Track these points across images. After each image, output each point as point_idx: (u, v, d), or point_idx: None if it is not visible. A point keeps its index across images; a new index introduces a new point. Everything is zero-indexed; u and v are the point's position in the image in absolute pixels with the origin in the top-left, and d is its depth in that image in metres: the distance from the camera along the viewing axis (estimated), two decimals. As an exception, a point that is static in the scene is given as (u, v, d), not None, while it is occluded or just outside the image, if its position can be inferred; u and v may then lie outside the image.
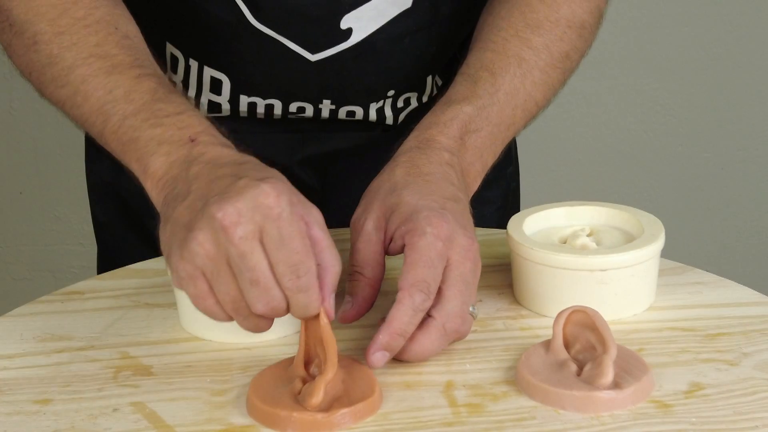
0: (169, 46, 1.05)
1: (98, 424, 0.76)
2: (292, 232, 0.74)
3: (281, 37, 1.00)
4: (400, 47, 1.02)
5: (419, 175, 0.86)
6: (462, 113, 0.91)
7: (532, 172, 2.12)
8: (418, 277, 0.78)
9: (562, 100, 2.11)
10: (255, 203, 0.74)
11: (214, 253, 0.74)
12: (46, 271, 2.16)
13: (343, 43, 1.00)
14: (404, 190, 0.84)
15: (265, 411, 0.75)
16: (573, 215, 0.94)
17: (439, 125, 0.90)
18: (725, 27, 2.11)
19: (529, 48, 0.95)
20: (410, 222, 0.81)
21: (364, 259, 0.83)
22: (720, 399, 0.77)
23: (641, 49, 2.12)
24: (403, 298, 0.78)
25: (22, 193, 2.12)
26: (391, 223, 0.83)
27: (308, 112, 1.05)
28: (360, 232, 0.84)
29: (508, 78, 0.94)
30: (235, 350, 0.85)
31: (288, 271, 0.74)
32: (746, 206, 2.24)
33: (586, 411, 0.75)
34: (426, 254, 0.79)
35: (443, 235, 0.80)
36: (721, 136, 2.18)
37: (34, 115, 2.03)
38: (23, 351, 0.85)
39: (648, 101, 2.15)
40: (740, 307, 0.89)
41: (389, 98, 1.07)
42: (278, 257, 0.74)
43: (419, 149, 0.89)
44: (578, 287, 0.86)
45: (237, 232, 0.73)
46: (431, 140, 0.89)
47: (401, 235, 0.81)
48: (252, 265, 0.74)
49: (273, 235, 0.74)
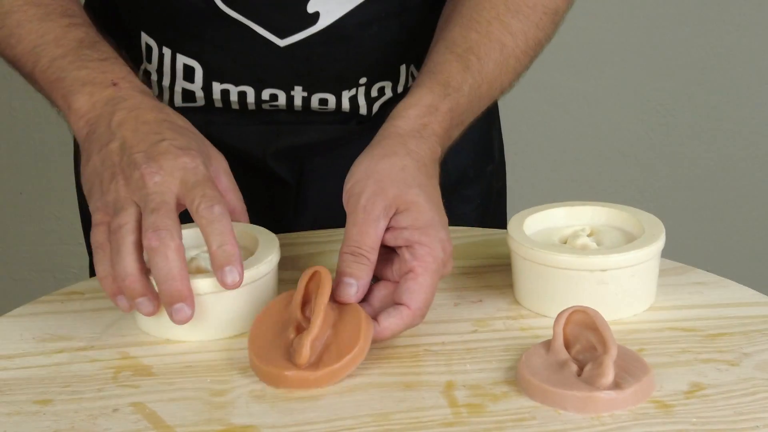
0: (143, 36, 1.06)
1: (98, 425, 0.76)
2: (207, 177, 0.83)
3: (250, 22, 1.01)
4: (369, 33, 1.03)
5: (426, 176, 0.86)
6: (457, 105, 0.91)
7: (531, 172, 2.13)
8: (425, 304, 0.82)
9: (562, 100, 2.11)
10: (175, 164, 0.83)
11: (125, 195, 0.83)
12: (46, 271, 2.16)
13: (310, 27, 1.01)
14: (419, 192, 0.84)
15: (260, 367, 0.80)
16: (573, 215, 0.94)
17: (438, 114, 0.90)
18: (725, 27, 2.11)
19: (509, 33, 0.95)
20: (426, 236, 0.83)
21: (372, 245, 0.83)
22: (720, 399, 0.77)
23: (641, 49, 2.11)
24: (406, 317, 0.82)
25: (22, 193, 2.11)
26: (400, 220, 0.83)
27: (281, 100, 1.06)
28: (370, 215, 0.83)
29: (491, 66, 0.94)
30: (235, 350, 0.85)
31: (204, 201, 0.81)
32: (746, 206, 2.23)
33: (586, 411, 0.75)
34: (433, 280, 0.82)
35: (446, 261, 0.83)
36: (722, 136, 2.18)
37: (34, 115, 2.03)
38: (23, 351, 0.85)
39: (648, 101, 2.15)
40: (741, 307, 0.89)
41: (362, 86, 1.07)
42: (194, 193, 0.82)
43: (421, 138, 0.88)
44: (578, 287, 0.86)
45: (154, 179, 0.82)
46: (427, 128, 0.89)
47: (407, 239, 0.83)
48: (161, 191, 0.82)
49: (189, 180, 0.82)
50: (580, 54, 2.07)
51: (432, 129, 0.89)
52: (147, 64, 1.07)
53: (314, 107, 1.07)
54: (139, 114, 0.87)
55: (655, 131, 2.17)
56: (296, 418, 0.76)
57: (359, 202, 0.84)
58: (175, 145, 0.84)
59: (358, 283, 0.82)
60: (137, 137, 0.85)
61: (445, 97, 0.91)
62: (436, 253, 0.82)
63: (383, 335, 0.82)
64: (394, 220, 0.83)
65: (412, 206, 0.83)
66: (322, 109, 1.07)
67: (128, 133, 0.85)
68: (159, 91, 1.07)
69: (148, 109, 0.87)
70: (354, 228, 0.83)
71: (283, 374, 0.78)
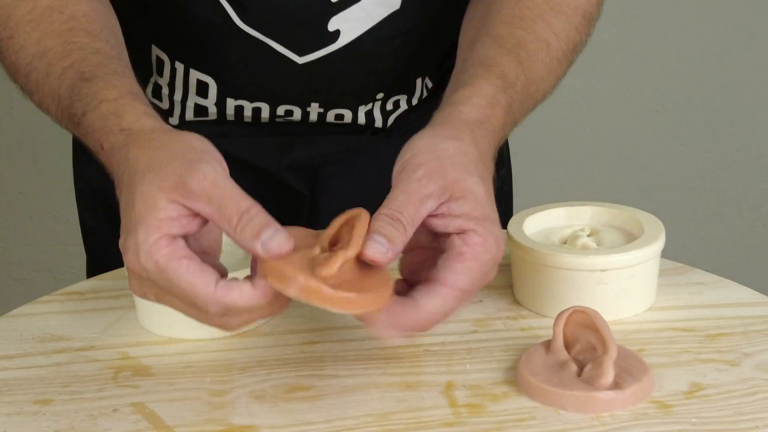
0: (154, 49, 1.04)
1: (98, 425, 0.76)
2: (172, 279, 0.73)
3: (268, 39, 0.99)
4: (389, 49, 1.01)
5: (487, 169, 0.80)
6: (513, 102, 0.86)
7: (531, 173, 2.13)
8: (468, 286, 0.75)
9: (562, 100, 2.11)
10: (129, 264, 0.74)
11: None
12: (46, 271, 2.16)
13: (330, 45, 0.99)
14: (479, 182, 0.77)
15: (272, 265, 0.72)
16: (573, 215, 0.94)
17: (498, 108, 0.84)
18: (725, 27, 2.11)
19: (553, 33, 0.91)
20: (481, 227, 0.75)
21: (414, 217, 0.75)
22: (720, 399, 0.76)
23: (641, 49, 2.11)
24: (448, 296, 0.74)
25: (22, 193, 2.11)
26: (455, 207, 0.76)
27: (296, 116, 1.05)
28: (423, 189, 0.75)
29: (540, 66, 0.90)
30: (235, 350, 0.85)
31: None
32: (746, 206, 2.23)
33: (586, 411, 0.75)
34: (482, 270, 0.75)
35: (497, 259, 0.77)
36: (722, 136, 2.18)
37: (34, 115, 2.02)
38: (23, 351, 0.85)
39: (648, 101, 2.15)
40: (741, 307, 0.89)
41: (378, 101, 1.06)
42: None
43: (485, 130, 0.82)
44: (578, 287, 0.86)
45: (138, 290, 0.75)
46: (490, 120, 0.83)
47: (461, 227, 0.75)
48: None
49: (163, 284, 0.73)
50: (580, 54, 2.07)
51: (492, 124, 0.83)
52: (158, 77, 1.05)
53: (329, 121, 1.06)
54: (120, 192, 0.78)
55: (655, 131, 2.17)
56: (296, 418, 0.76)
57: (415, 173, 0.76)
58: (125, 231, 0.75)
59: (388, 245, 0.73)
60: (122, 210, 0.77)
61: (504, 90, 0.85)
62: (489, 246, 0.75)
63: (420, 319, 0.74)
64: (447, 206, 0.76)
65: (469, 195, 0.76)
66: (337, 122, 1.06)
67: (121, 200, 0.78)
68: (170, 105, 1.06)
69: (119, 179, 0.78)
70: (401, 195, 0.75)
71: (297, 277, 0.70)
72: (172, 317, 0.84)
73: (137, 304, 0.88)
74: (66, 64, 0.86)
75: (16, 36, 0.89)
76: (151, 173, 0.74)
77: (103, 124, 0.80)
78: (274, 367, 0.82)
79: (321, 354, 0.84)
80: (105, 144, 0.80)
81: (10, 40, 0.90)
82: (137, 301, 0.88)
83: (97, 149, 0.81)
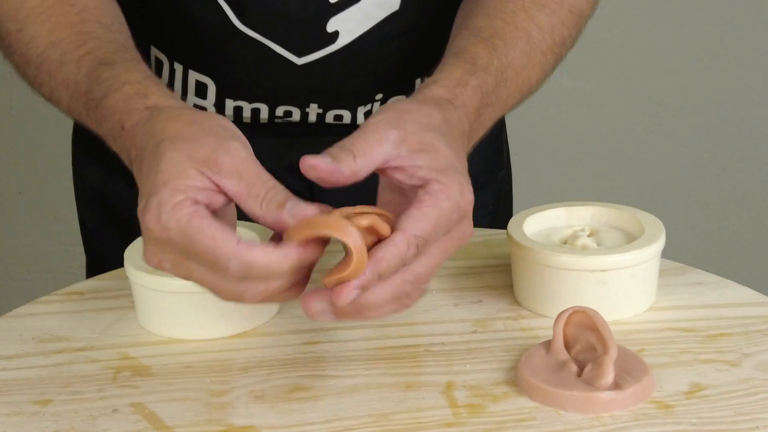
0: (153, 50, 1.04)
1: (98, 425, 0.76)
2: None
3: (267, 40, 0.99)
4: (388, 50, 1.01)
5: (451, 134, 0.79)
6: (485, 83, 0.85)
7: (531, 173, 2.13)
8: (424, 233, 0.72)
9: (562, 100, 2.11)
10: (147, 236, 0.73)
11: None
12: (46, 271, 2.16)
13: (329, 46, 0.99)
14: (440, 137, 0.76)
15: (299, 223, 0.72)
16: (573, 215, 0.94)
17: (467, 88, 0.83)
18: (725, 27, 2.11)
19: (536, 25, 0.91)
20: (443, 176, 0.73)
21: (363, 151, 0.74)
22: (721, 400, 0.76)
23: (641, 49, 2.11)
24: (400, 242, 0.71)
25: (22, 193, 2.11)
26: (416, 158, 0.74)
27: (295, 116, 1.05)
28: (380, 132, 0.75)
29: (518, 53, 0.89)
30: (235, 350, 0.85)
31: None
32: (746, 206, 2.23)
33: (586, 412, 0.75)
34: (443, 218, 0.73)
35: (463, 211, 0.74)
36: (722, 136, 2.18)
37: (34, 115, 2.03)
38: (23, 351, 0.85)
39: (648, 101, 2.15)
40: (741, 307, 0.89)
41: (377, 101, 1.06)
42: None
43: (452, 106, 0.81)
44: (579, 288, 0.86)
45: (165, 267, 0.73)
46: (458, 98, 0.82)
47: (423, 177, 0.74)
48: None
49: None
50: (580, 54, 2.06)
51: (462, 101, 0.82)
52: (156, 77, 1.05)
53: (329, 122, 1.06)
54: (137, 169, 0.78)
55: (655, 131, 2.17)
56: (296, 419, 0.76)
57: (374, 119, 0.76)
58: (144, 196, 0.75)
59: (331, 161, 0.74)
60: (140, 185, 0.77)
61: (473, 73, 0.84)
62: (451, 193, 0.73)
63: (375, 268, 0.71)
64: (409, 158, 0.74)
65: (429, 147, 0.75)
66: (336, 123, 1.06)
67: (139, 179, 0.77)
68: None
69: (138, 157, 0.78)
70: (355, 135, 0.75)
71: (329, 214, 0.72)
72: (172, 317, 0.85)
73: (137, 304, 0.88)
74: (82, 52, 0.85)
75: (25, 28, 0.89)
76: (182, 143, 0.73)
77: (126, 104, 0.80)
78: (274, 368, 0.82)
79: (321, 354, 0.84)
80: (127, 123, 0.79)
81: (19, 33, 0.89)
82: (137, 301, 0.88)
83: (115, 131, 0.80)
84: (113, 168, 1.12)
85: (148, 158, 0.75)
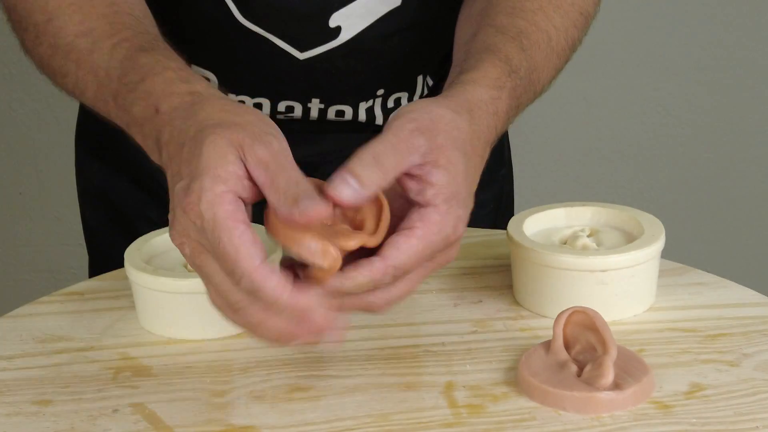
0: None
1: (98, 425, 0.76)
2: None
3: (269, 35, 0.99)
4: (390, 45, 1.02)
5: (473, 151, 0.78)
6: (517, 87, 0.84)
7: (531, 173, 2.13)
8: (405, 265, 0.72)
9: (561, 100, 2.11)
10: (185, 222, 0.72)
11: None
12: (46, 271, 2.16)
13: (332, 41, 1.00)
14: (463, 159, 0.75)
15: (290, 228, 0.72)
16: (573, 216, 0.94)
17: (504, 90, 0.83)
18: (725, 27, 2.11)
19: (553, 27, 0.91)
20: (445, 205, 0.73)
21: (394, 168, 0.73)
22: (720, 400, 0.76)
23: (642, 50, 2.11)
24: (377, 270, 0.71)
25: (22, 193, 2.11)
26: (432, 174, 0.73)
27: (297, 112, 1.05)
28: (411, 142, 0.73)
29: (540, 55, 0.88)
30: (235, 350, 0.85)
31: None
32: (746, 206, 2.23)
33: (586, 412, 0.75)
34: (428, 249, 0.72)
35: (451, 242, 0.74)
36: (722, 136, 2.18)
37: (34, 115, 2.03)
38: (23, 352, 0.85)
39: (648, 101, 2.15)
40: (741, 307, 0.89)
41: (379, 97, 1.06)
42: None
43: (484, 111, 0.80)
44: (578, 288, 0.86)
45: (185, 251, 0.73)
46: (496, 102, 0.81)
47: (428, 199, 0.73)
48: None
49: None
50: (580, 54, 2.06)
51: (496, 107, 0.81)
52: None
53: (330, 118, 1.06)
54: (171, 156, 0.77)
55: (655, 131, 2.17)
56: (296, 419, 0.76)
57: (409, 124, 0.74)
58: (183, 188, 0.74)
59: (359, 188, 0.71)
60: (171, 178, 0.76)
61: (509, 74, 0.84)
62: (444, 227, 0.73)
63: (343, 284, 0.71)
64: (428, 170, 0.73)
65: (450, 167, 0.74)
66: (338, 119, 1.06)
67: (169, 170, 0.77)
68: None
69: (175, 145, 0.77)
70: (392, 138, 0.73)
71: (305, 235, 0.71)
72: (172, 317, 0.85)
73: (137, 305, 0.88)
74: (115, 41, 0.85)
75: (55, 19, 0.88)
76: (224, 129, 0.73)
77: (167, 87, 0.79)
78: (274, 368, 0.82)
79: (321, 354, 0.84)
80: (163, 106, 0.78)
81: (48, 23, 0.89)
82: (137, 301, 0.88)
83: (147, 114, 0.79)
84: (116, 167, 1.13)
85: (188, 142, 0.74)
